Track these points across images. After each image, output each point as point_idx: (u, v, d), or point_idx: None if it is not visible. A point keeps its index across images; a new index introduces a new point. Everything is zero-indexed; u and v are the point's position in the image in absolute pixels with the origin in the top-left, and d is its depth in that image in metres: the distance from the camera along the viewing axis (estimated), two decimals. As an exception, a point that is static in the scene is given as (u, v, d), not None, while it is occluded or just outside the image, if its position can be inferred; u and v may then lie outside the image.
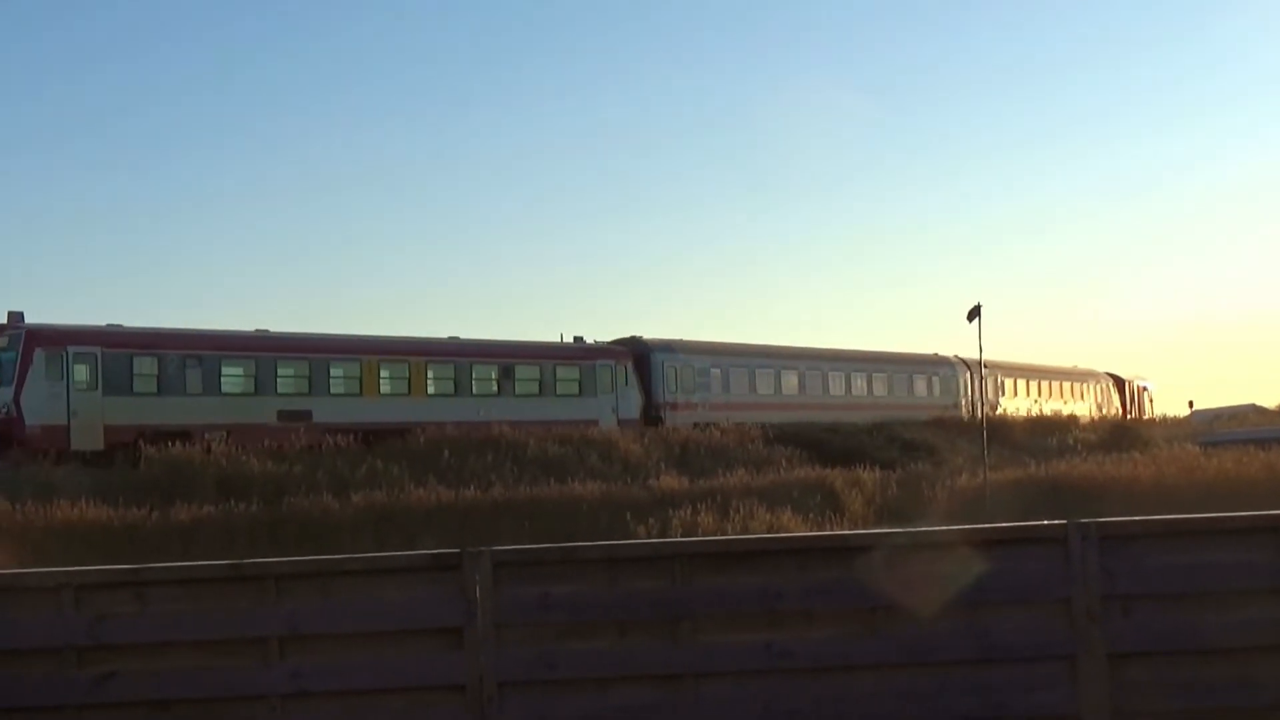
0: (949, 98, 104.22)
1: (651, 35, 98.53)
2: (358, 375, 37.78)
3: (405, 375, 38.88)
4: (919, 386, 54.62)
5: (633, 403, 43.18)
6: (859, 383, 52.14)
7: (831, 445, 40.47)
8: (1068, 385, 62.93)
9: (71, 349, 32.59)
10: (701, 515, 25.45)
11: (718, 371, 46.57)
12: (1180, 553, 6.90)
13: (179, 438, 32.27)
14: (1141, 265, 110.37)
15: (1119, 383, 67.49)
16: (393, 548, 20.28)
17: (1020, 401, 57.37)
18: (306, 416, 35.68)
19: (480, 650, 6.70)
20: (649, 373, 44.43)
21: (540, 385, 41.66)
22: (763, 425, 42.33)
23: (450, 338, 41.24)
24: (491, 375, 40.69)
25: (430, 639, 6.80)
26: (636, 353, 44.35)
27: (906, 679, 6.79)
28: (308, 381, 36.83)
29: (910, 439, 44.58)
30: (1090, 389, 65.04)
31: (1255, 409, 61.06)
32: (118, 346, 33.62)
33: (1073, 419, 56.16)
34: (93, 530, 24.18)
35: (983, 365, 38.54)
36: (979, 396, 55.81)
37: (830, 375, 51.05)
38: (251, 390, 35.84)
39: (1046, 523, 7.19)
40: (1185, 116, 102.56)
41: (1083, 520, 6.94)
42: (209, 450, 31.37)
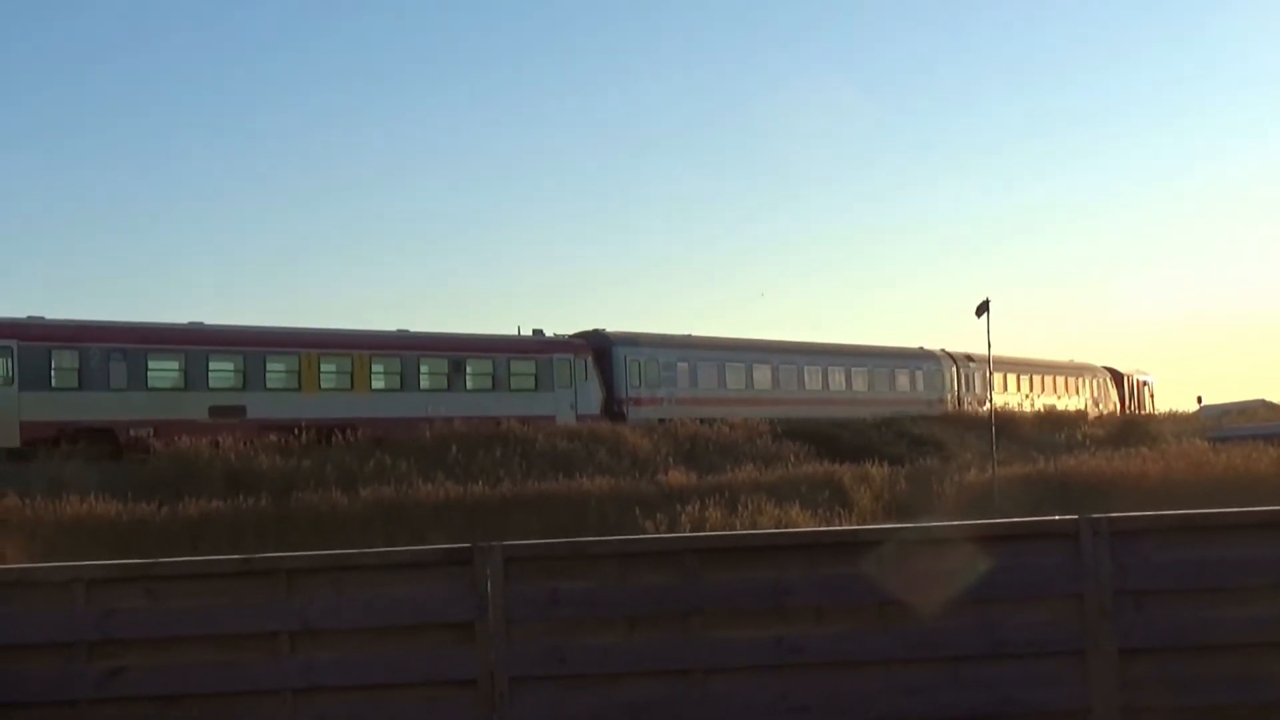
0: (949, 97, 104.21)
1: (652, 33, 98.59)
2: (296, 369, 36.42)
3: (348, 369, 37.53)
4: (901, 381, 53.32)
5: (593, 398, 41.88)
6: (836, 377, 50.72)
7: (840, 441, 40.39)
8: (1061, 380, 62.02)
9: None
10: (710, 510, 25.42)
11: (684, 365, 45.23)
12: (1191, 548, 6.89)
13: (102, 434, 31.44)
14: (1148, 261, 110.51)
15: (1117, 377, 66.99)
16: (401, 543, 20.29)
17: (1011, 397, 56.33)
18: (240, 412, 34.56)
19: (491, 645, 6.71)
20: (610, 366, 43.12)
21: (493, 380, 40.39)
22: (771, 421, 41.84)
23: (399, 330, 39.82)
24: (441, 369, 39.38)
25: (441, 634, 6.80)
26: (597, 346, 43.00)
27: (916, 674, 6.79)
28: (242, 376, 35.54)
29: (918, 434, 44.50)
30: (1086, 383, 64.33)
31: (1265, 404, 60.91)
32: (36, 339, 32.19)
33: (1081, 414, 55.91)
34: (102, 525, 24.21)
35: (991, 361, 38.51)
36: (964, 391, 55.61)
37: (806, 370, 49.65)
38: (181, 385, 34.52)
39: (1057, 518, 7.18)
40: (1186, 115, 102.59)
41: (1094, 516, 6.93)
42: (216, 445, 31.15)
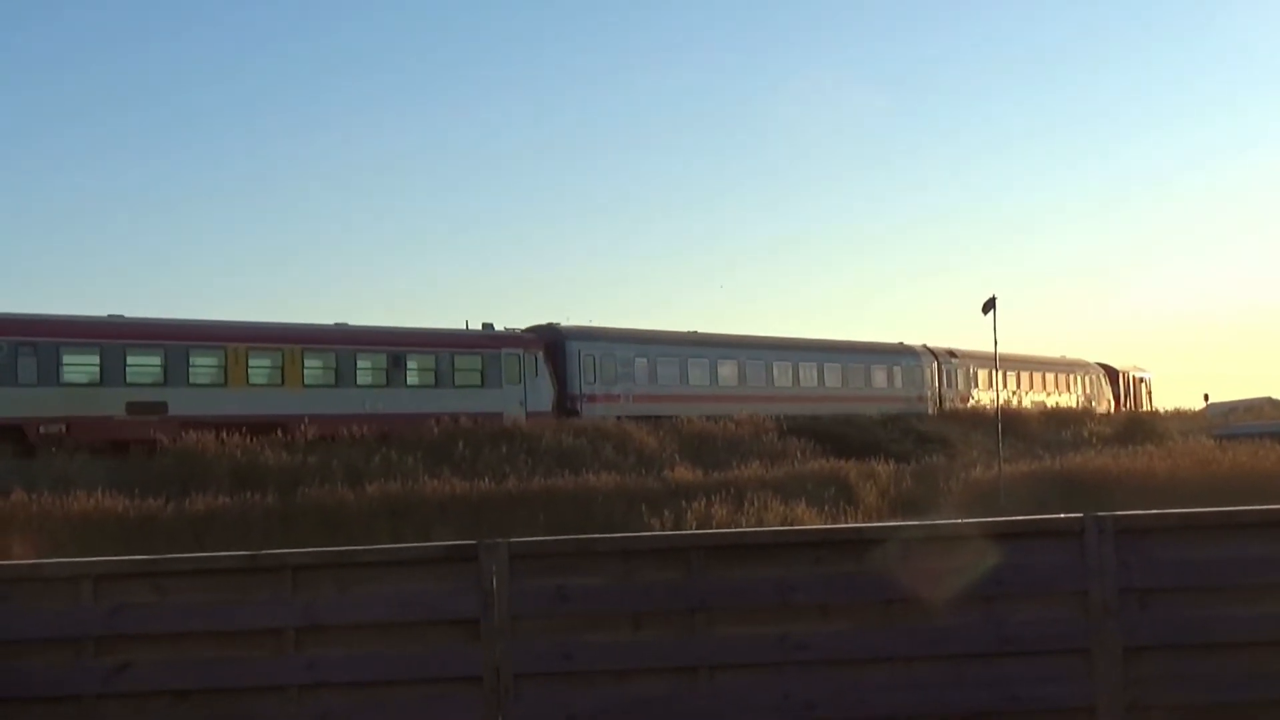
0: (956, 92, 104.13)
1: (662, 28, 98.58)
2: (221, 364, 35.20)
3: (279, 364, 36.21)
4: (877, 377, 51.78)
5: (544, 394, 40.77)
6: (808, 374, 49.16)
7: (846, 438, 40.40)
8: (1051, 376, 61.09)
9: None
10: (716, 507, 25.45)
11: (644, 361, 43.85)
12: (1197, 547, 6.88)
13: (10, 432, 30.85)
14: (1155, 258, 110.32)
15: (1111, 374, 66.57)
16: (407, 539, 20.35)
17: (1001, 393, 55.92)
18: (161, 409, 33.45)
19: (497, 642, 6.72)
20: (563, 362, 41.83)
21: (436, 375, 39.15)
22: (774, 418, 41.79)
23: (337, 324, 38.43)
24: (380, 364, 38.19)
25: (447, 630, 6.80)
26: (549, 340, 41.74)
27: (921, 671, 6.79)
28: (163, 371, 34.22)
29: (925, 431, 44.55)
30: (1078, 380, 63.63)
31: (1271, 402, 60.77)
32: None
33: (1087, 412, 55.75)
34: (109, 521, 24.26)
35: (996, 359, 38.50)
36: (946, 388, 54.80)
37: (775, 365, 48.04)
38: (97, 380, 33.20)
39: (1063, 515, 7.16)
40: (1188, 114, 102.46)
41: (1100, 513, 6.92)
42: (221, 441, 31.19)
